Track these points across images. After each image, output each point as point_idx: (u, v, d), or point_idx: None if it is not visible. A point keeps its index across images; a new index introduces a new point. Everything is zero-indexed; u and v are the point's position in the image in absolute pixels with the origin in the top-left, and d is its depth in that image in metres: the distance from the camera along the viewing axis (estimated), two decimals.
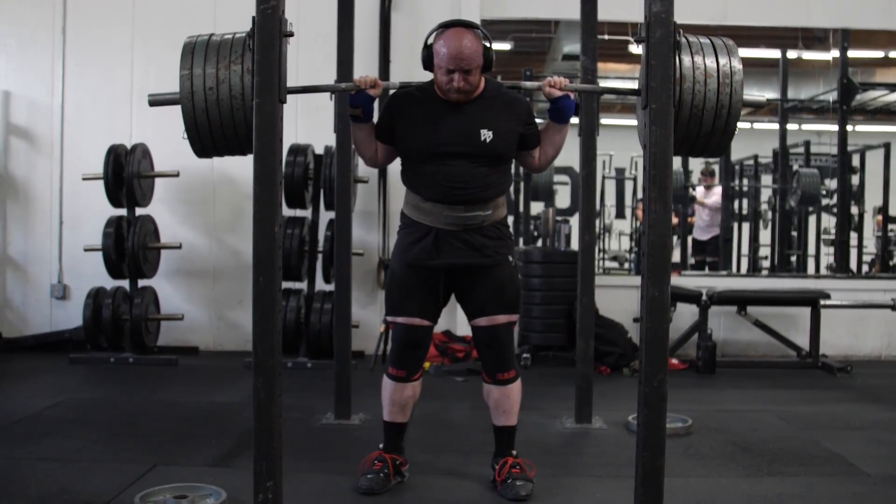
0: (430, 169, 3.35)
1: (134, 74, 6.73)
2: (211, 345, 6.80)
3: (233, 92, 2.95)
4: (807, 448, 4.22)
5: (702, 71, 3.01)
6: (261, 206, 2.89)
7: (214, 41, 3.04)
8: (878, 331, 6.98)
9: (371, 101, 3.32)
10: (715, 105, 3.02)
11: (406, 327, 3.45)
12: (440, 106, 3.36)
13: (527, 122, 3.45)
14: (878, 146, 10.00)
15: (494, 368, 3.49)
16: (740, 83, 3.06)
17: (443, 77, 3.27)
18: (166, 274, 6.64)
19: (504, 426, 3.52)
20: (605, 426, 4.55)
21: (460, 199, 3.34)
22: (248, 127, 2.96)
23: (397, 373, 3.49)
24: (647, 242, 2.90)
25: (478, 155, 3.33)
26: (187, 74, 2.98)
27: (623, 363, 6.20)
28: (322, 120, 5.34)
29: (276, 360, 2.91)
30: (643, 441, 2.91)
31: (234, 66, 2.96)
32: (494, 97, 3.40)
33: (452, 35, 3.25)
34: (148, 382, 5.66)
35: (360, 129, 3.43)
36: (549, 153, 3.52)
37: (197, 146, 3.06)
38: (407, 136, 3.40)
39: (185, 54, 3.02)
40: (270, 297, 2.90)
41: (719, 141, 3.12)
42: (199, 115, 2.97)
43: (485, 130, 3.32)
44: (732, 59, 3.08)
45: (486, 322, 3.44)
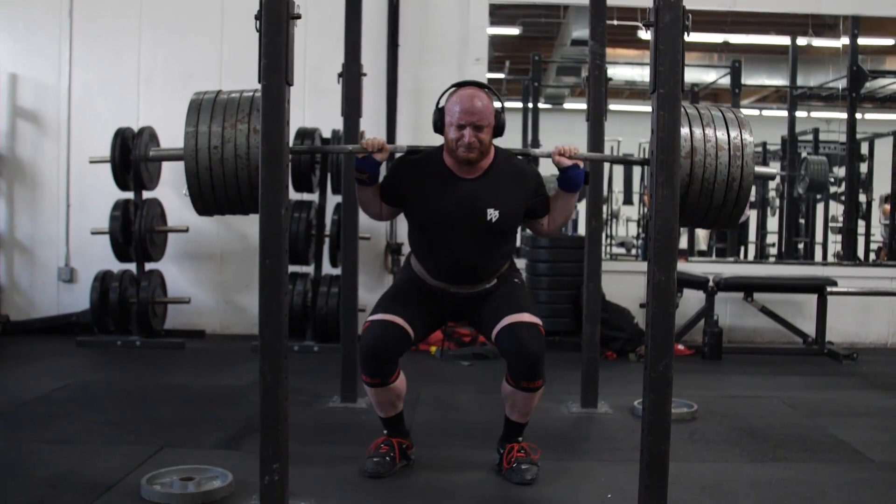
0: (437, 245, 3.37)
1: (141, 57, 6.73)
2: (218, 328, 6.82)
3: (238, 151, 2.95)
4: (812, 434, 4.22)
5: (713, 144, 3.01)
6: (268, 188, 2.89)
7: (221, 100, 3.05)
8: (885, 318, 6.98)
9: (377, 165, 3.28)
10: (726, 178, 3.02)
11: (383, 323, 3.31)
12: (448, 179, 3.33)
13: (536, 195, 3.42)
14: (887, 134, 9.95)
15: (521, 376, 3.31)
16: (751, 157, 3.05)
17: (454, 134, 3.24)
18: (173, 257, 6.65)
19: (517, 422, 3.50)
20: (611, 411, 4.56)
21: (466, 280, 3.38)
22: (252, 187, 2.96)
23: (372, 380, 3.35)
24: (653, 227, 2.89)
25: (485, 233, 3.33)
26: (192, 132, 2.97)
27: (629, 348, 6.20)
28: (330, 104, 5.32)
29: (283, 343, 2.92)
30: (648, 426, 2.91)
31: (240, 126, 2.96)
32: (503, 170, 3.37)
33: (465, 92, 3.26)
34: (155, 365, 5.68)
35: (365, 191, 3.39)
36: (558, 221, 3.48)
37: (198, 204, 3.05)
38: (414, 210, 3.41)
39: (192, 111, 3.01)
40: (277, 280, 2.90)
41: (730, 214, 3.11)
42: (203, 174, 2.96)
43: (491, 210, 3.30)
44: (744, 131, 3.07)
45: (509, 321, 3.30)
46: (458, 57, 6.76)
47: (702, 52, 12.21)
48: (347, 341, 4.65)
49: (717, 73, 11.50)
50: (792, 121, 9.41)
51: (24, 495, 3.11)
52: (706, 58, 12.37)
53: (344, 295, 4.74)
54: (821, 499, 3.28)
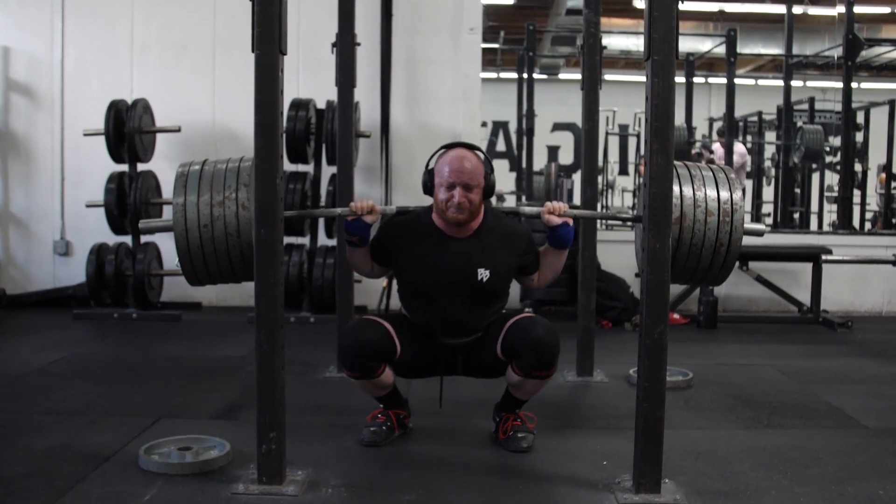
0: (428, 306, 3.38)
1: (135, 29, 6.69)
2: (214, 300, 6.83)
3: (228, 229, 2.97)
4: (806, 401, 4.25)
5: (702, 209, 3.03)
6: (262, 158, 2.89)
7: (207, 171, 3.05)
8: (880, 287, 7.00)
9: (367, 228, 3.28)
10: (714, 244, 3.05)
11: (363, 320, 3.38)
12: (438, 240, 3.33)
13: (526, 252, 3.43)
14: (882, 103, 9.96)
15: (533, 366, 3.27)
16: (741, 221, 3.06)
17: (443, 195, 3.23)
18: None
19: (519, 399, 3.49)
20: (607, 379, 4.58)
21: (456, 333, 3.39)
22: (244, 260, 2.99)
23: (353, 374, 3.36)
24: (648, 194, 2.89)
25: (476, 293, 3.33)
26: (181, 205, 2.98)
27: (625, 318, 6.22)
28: (324, 75, 5.31)
29: (279, 313, 2.92)
30: (643, 392, 2.93)
31: (228, 203, 2.97)
32: (493, 230, 3.37)
33: (455, 153, 3.26)
34: (151, 337, 5.70)
35: (355, 252, 3.39)
36: (548, 276, 3.48)
37: (191, 277, 3.10)
38: (403, 270, 3.41)
39: (178, 185, 3.02)
40: (272, 250, 2.90)
41: (716, 275, 3.17)
42: (194, 251, 2.99)
43: (482, 270, 3.30)
44: (734, 192, 3.07)
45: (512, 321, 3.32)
46: (453, 27, 6.72)
47: (697, 20, 12.18)
48: (343, 312, 4.65)
49: (712, 42, 11.47)
50: (787, 90, 9.40)
51: (22, 466, 3.13)
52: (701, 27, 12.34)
53: (340, 266, 4.74)
54: (815, 465, 3.30)
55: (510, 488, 3.03)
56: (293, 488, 2.91)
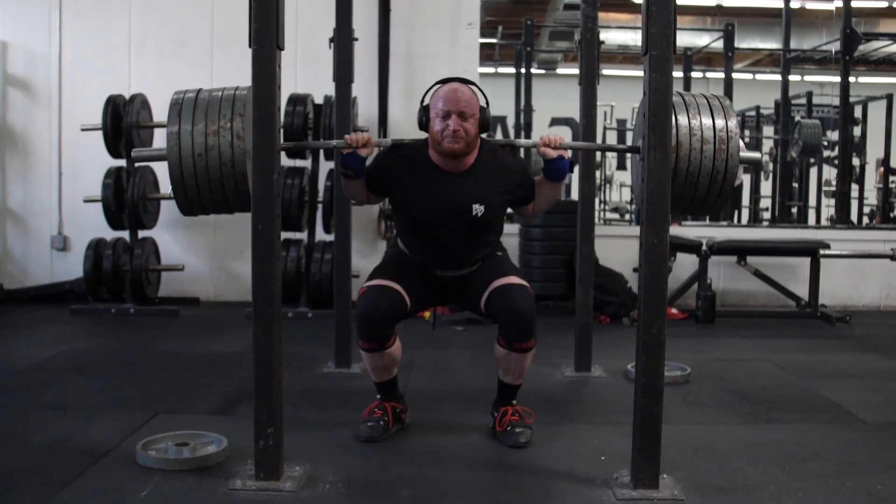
0: (421, 236, 3.39)
1: (132, 24, 6.67)
2: (212, 295, 6.83)
3: (223, 159, 2.94)
4: (805, 396, 4.25)
5: (698, 137, 3.00)
6: (260, 152, 2.88)
7: (203, 99, 3.01)
8: (878, 281, 7.00)
9: (362, 161, 3.26)
10: (710, 171, 3.03)
11: (379, 288, 3.32)
12: (433, 174, 3.32)
13: (521, 186, 3.43)
14: (880, 97, 9.95)
15: (514, 338, 3.33)
16: (736, 148, 3.04)
17: (438, 125, 3.22)
18: (166, 224, 6.62)
19: (510, 384, 3.51)
20: (605, 374, 4.58)
21: (450, 265, 3.41)
22: (239, 191, 2.97)
23: (369, 345, 3.37)
24: (646, 189, 2.89)
25: (470, 226, 3.33)
26: (175, 134, 2.95)
27: (623, 313, 6.22)
28: (322, 69, 5.30)
29: (276, 308, 2.92)
30: (641, 388, 2.93)
31: (223, 132, 2.94)
32: (488, 165, 3.35)
33: (450, 86, 3.26)
34: (149, 333, 5.69)
35: (351, 184, 3.38)
36: (542, 207, 3.51)
37: (184, 207, 3.07)
38: (398, 203, 3.41)
39: (173, 113, 2.98)
40: (270, 244, 2.90)
41: (714, 203, 3.14)
42: (188, 182, 2.96)
43: (476, 205, 3.30)
44: (729, 120, 3.05)
45: (498, 284, 3.32)
46: (451, 21, 6.71)
47: (694, 15, 12.16)
48: (341, 307, 4.65)
49: (710, 36, 11.45)
50: (785, 84, 9.39)
51: (20, 461, 3.12)
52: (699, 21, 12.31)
53: (337, 261, 4.73)
54: (813, 460, 3.30)
55: (508, 483, 3.03)
56: (290, 484, 2.91)
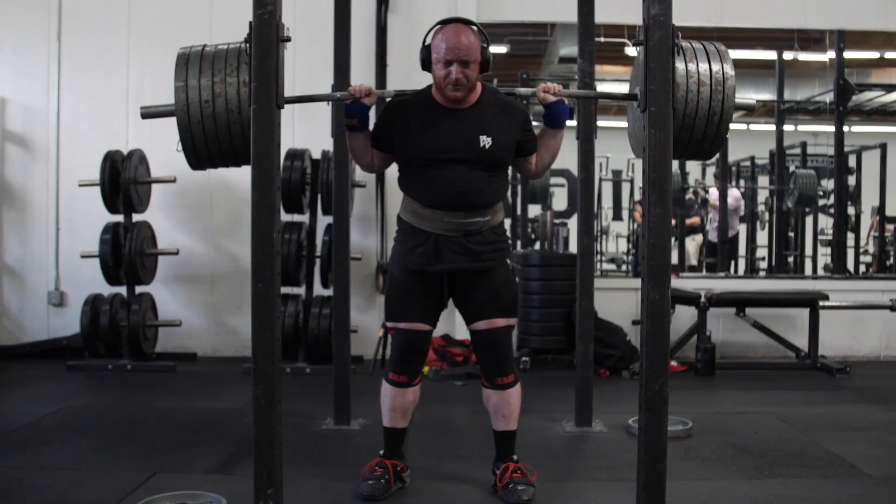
0: (429, 175, 3.33)
1: (130, 80, 6.72)
2: (209, 351, 6.79)
3: (229, 105, 2.94)
4: (808, 450, 4.21)
5: (695, 79, 3.02)
6: (259, 211, 2.89)
7: (209, 52, 3.03)
8: (877, 331, 6.98)
9: (366, 110, 3.31)
10: (707, 112, 3.05)
11: (407, 332, 3.42)
12: (438, 112, 3.34)
13: (524, 129, 3.44)
14: (874, 146, 10.01)
15: (493, 373, 3.46)
16: (732, 89, 3.07)
17: (441, 72, 3.25)
18: (164, 280, 6.61)
19: (504, 431, 3.51)
20: (606, 429, 4.54)
21: (460, 205, 3.33)
22: (245, 139, 2.96)
23: (398, 378, 3.47)
24: (646, 245, 2.89)
25: (477, 161, 3.31)
26: (182, 87, 2.97)
27: (622, 366, 6.19)
28: (319, 124, 5.33)
29: (276, 367, 2.90)
30: (645, 445, 2.90)
31: (229, 79, 2.95)
32: (492, 103, 3.39)
33: (451, 29, 3.27)
34: (146, 389, 5.64)
35: (356, 138, 3.41)
36: (545, 159, 3.50)
37: (192, 158, 3.06)
38: (405, 144, 3.38)
39: (180, 66, 3.01)
40: (270, 304, 2.89)
41: (710, 146, 3.15)
42: (195, 128, 2.96)
43: (484, 137, 3.31)
44: (725, 64, 3.09)
45: (485, 326, 3.42)
46: None
47: None
48: (340, 363, 4.62)
49: None
50: (780, 135, 9.44)
51: None
52: None
53: (336, 316, 4.71)
54: None
55: None
56: None
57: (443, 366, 6.18)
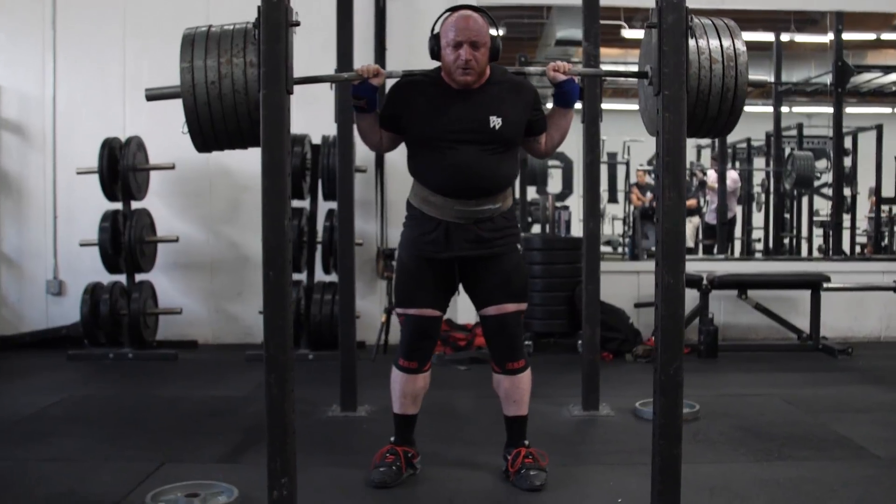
0: (440, 158, 3.29)
1: (126, 67, 6.66)
2: (210, 338, 6.76)
3: (236, 86, 2.88)
4: (815, 431, 4.22)
5: (707, 56, 2.98)
6: (270, 198, 2.84)
7: (214, 32, 2.97)
8: (878, 312, 6.99)
9: (374, 91, 3.27)
10: (721, 89, 3.00)
11: (418, 318, 3.41)
12: (447, 93, 3.30)
13: (534, 108, 3.41)
14: (870, 128, 10.00)
15: (504, 358, 3.45)
16: (745, 65, 3.03)
17: (450, 56, 3.21)
18: (164, 267, 6.58)
19: (515, 416, 3.50)
20: (613, 413, 4.53)
21: (470, 191, 3.29)
22: (252, 121, 2.91)
23: (409, 364, 3.46)
24: (661, 230, 2.87)
25: (488, 142, 3.28)
26: (188, 67, 2.91)
27: (625, 349, 6.19)
28: (319, 109, 5.30)
29: (289, 356, 2.87)
30: (660, 430, 2.89)
31: (236, 60, 2.89)
32: (501, 83, 3.35)
33: (460, 14, 3.24)
34: (148, 378, 5.62)
35: (363, 118, 3.38)
36: (555, 138, 3.48)
37: (198, 140, 3.01)
38: (414, 125, 3.34)
39: (185, 46, 2.95)
40: (281, 292, 2.86)
41: (725, 123, 3.11)
42: (202, 110, 2.91)
43: (494, 117, 3.28)
44: (736, 40, 3.05)
45: (495, 311, 3.40)
46: None
47: None
48: (346, 349, 4.60)
49: None
50: (777, 117, 9.43)
51: None
52: None
53: (341, 302, 4.69)
54: (831, 498, 3.27)
55: None
56: None
57: (446, 350, 6.16)
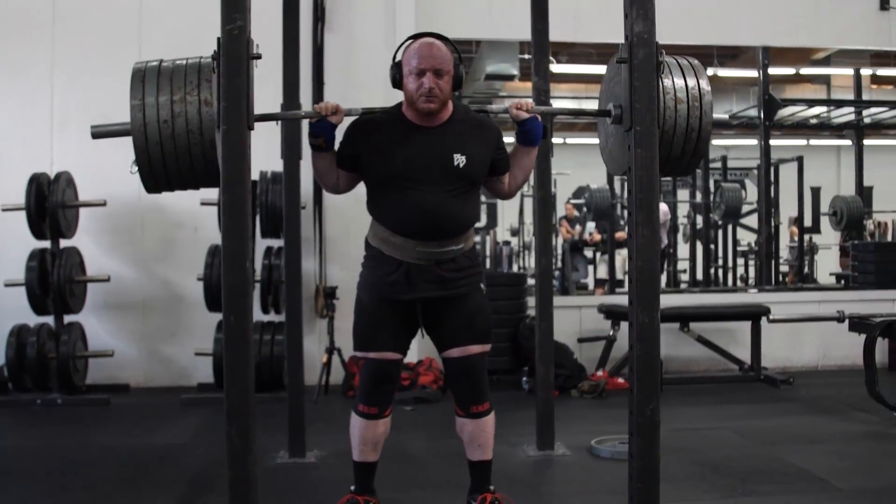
0: (402, 199, 3.17)
1: (55, 99, 6.41)
2: (142, 381, 6.48)
3: (190, 126, 2.75)
4: (773, 465, 4.20)
5: (672, 96, 2.96)
6: (231, 239, 2.73)
7: (166, 67, 2.82)
8: (815, 342, 7.08)
9: (333, 129, 3.14)
10: (685, 129, 2.99)
11: (378, 362, 3.27)
12: (409, 129, 3.20)
13: (497, 147, 3.32)
14: (791, 159, 10.27)
15: (468, 401, 3.33)
16: (710, 105, 3.02)
17: (413, 84, 3.11)
18: (94, 308, 6.30)
19: (480, 461, 3.38)
20: (569, 452, 4.45)
21: (434, 233, 3.18)
22: (207, 162, 2.79)
23: (368, 410, 3.31)
24: (634, 268, 2.83)
25: (452, 181, 3.18)
26: (139, 105, 2.76)
27: (570, 385, 6.13)
28: (256, 145, 5.09)
29: (251, 405, 2.75)
30: (638, 472, 2.83)
31: (189, 98, 2.75)
32: (464, 120, 3.26)
33: (423, 41, 3.15)
34: (81, 425, 5.33)
35: (321, 157, 3.24)
36: (518, 178, 3.40)
37: (149, 182, 2.85)
38: (375, 164, 3.21)
39: (135, 82, 2.79)
40: (243, 338, 2.74)
41: (689, 163, 3.10)
42: (153, 150, 2.75)
43: (458, 155, 3.18)
44: (701, 80, 3.04)
45: (459, 353, 3.28)
46: (386, 93, 6.55)
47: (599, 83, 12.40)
48: (294, 391, 4.46)
49: None
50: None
51: None
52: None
53: (288, 342, 4.56)
54: None
55: None
56: None
57: None
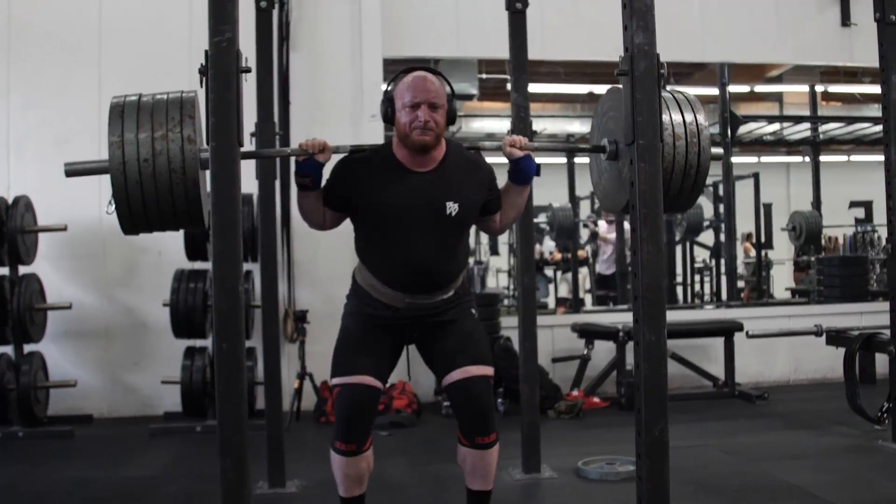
0: (392, 251, 3.06)
1: (11, 120, 6.20)
2: (106, 412, 6.26)
3: (172, 165, 2.62)
4: (764, 482, 4.16)
5: (670, 132, 2.91)
6: (222, 262, 2.61)
7: (146, 102, 2.69)
8: (786, 356, 7.10)
9: (320, 167, 3.00)
10: (683, 167, 2.95)
11: (356, 387, 3.03)
12: (401, 173, 3.07)
13: (490, 188, 3.22)
14: (747, 176, 10.37)
15: (474, 431, 3.07)
16: (708, 141, 2.97)
17: (406, 117, 2.99)
18: (55, 337, 6.06)
19: (481, 491, 3.24)
20: (556, 475, 4.37)
21: (425, 288, 3.08)
22: (190, 202, 2.67)
23: (347, 447, 3.03)
24: (640, 285, 2.76)
25: (443, 229, 3.07)
26: (117, 142, 2.62)
27: (548, 405, 6.04)
28: None
29: (245, 438, 2.61)
30: (647, 495, 2.75)
31: (172, 135, 2.63)
32: (457, 161, 3.15)
33: (417, 74, 3.04)
34: (45, 459, 5.10)
35: (308, 197, 3.09)
36: (510, 216, 3.30)
37: (127, 224, 2.72)
38: (364, 208, 3.08)
39: (114, 117, 2.66)
40: (236, 366, 2.61)
41: (687, 198, 3.05)
42: (132, 190, 2.62)
43: (450, 203, 3.06)
44: (699, 115, 3.00)
45: (460, 375, 3.08)
46: (353, 114, 6.52)
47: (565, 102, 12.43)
48: (272, 420, 4.30)
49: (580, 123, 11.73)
50: None
51: None
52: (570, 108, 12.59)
53: (266, 368, 4.38)
54: None
55: None
56: None
57: None
